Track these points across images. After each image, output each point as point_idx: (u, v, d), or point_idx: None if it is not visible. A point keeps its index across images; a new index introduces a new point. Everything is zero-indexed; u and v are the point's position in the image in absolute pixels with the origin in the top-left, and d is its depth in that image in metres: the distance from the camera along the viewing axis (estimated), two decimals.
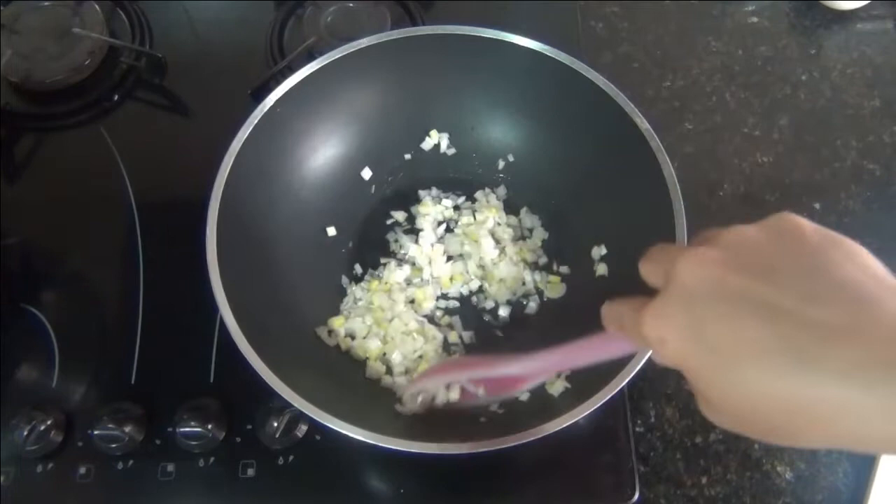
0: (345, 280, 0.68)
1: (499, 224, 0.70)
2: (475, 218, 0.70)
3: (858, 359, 0.28)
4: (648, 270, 0.37)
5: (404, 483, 0.60)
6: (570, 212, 0.69)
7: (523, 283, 0.68)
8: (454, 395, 0.55)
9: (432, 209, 0.70)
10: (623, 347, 0.43)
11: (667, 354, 0.34)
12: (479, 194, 0.72)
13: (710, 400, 0.33)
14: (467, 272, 0.68)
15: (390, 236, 0.71)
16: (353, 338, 0.65)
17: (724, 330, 0.31)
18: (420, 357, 0.63)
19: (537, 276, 0.68)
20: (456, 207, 0.72)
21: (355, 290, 0.67)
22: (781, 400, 0.30)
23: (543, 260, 0.69)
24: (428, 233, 0.69)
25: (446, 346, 0.65)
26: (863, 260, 0.32)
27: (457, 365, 0.56)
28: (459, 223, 0.70)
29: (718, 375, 0.32)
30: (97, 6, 0.82)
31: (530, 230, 0.71)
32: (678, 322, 0.33)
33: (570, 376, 0.59)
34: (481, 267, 0.68)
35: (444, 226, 0.71)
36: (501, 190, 0.72)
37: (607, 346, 0.43)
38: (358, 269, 0.69)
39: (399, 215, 0.71)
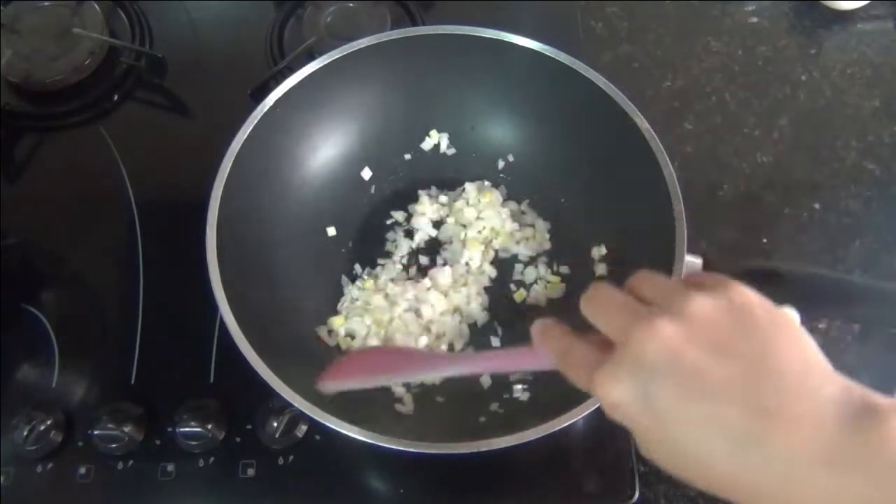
0: (344, 279, 0.68)
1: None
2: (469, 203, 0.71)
3: (799, 446, 0.30)
4: (592, 314, 0.37)
5: (404, 483, 0.60)
6: (569, 212, 0.69)
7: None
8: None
9: (428, 208, 0.70)
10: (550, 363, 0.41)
11: (616, 415, 0.35)
12: (468, 186, 0.71)
13: (653, 454, 0.35)
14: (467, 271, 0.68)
15: (390, 236, 0.71)
16: (352, 337, 0.65)
17: (676, 405, 0.32)
18: None
19: (541, 269, 0.68)
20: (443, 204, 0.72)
21: (352, 290, 0.67)
22: (724, 475, 0.32)
23: (544, 258, 0.69)
24: (423, 233, 0.69)
25: (451, 349, 0.65)
26: (803, 345, 0.33)
27: (383, 364, 0.50)
28: (452, 210, 0.70)
29: (665, 444, 0.33)
30: (97, 6, 0.82)
31: (532, 226, 0.71)
32: (630, 390, 0.33)
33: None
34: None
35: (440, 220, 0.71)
36: (502, 190, 0.72)
37: (538, 360, 0.42)
38: (357, 268, 0.69)
39: (399, 215, 0.71)
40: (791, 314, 0.34)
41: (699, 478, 0.33)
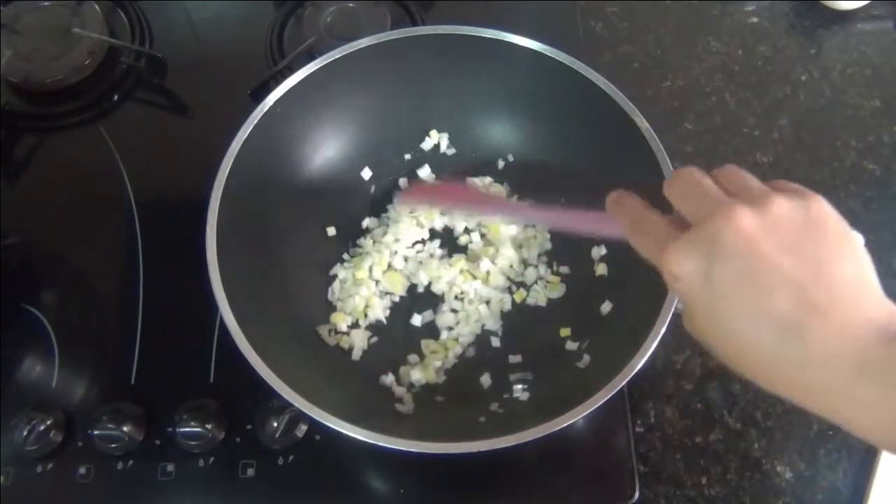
0: (335, 268, 0.68)
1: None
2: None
3: (840, 348, 0.33)
4: (677, 195, 0.39)
5: (404, 483, 0.60)
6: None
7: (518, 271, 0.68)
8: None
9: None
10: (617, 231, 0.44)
11: (675, 286, 0.37)
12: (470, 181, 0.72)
13: (698, 328, 0.37)
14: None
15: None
16: (353, 326, 0.65)
17: (736, 288, 0.34)
18: None
19: (541, 269, 0.68)
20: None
21: (339, 272, 0.67)
22: (767, 364, 0.35)
23: (544, 258, 0.69)
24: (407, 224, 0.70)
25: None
26: (862, 265, 0.35)
27: (457, 196, 0.57)
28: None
29: (715, 324, 0.36)
30: (97, 6, 0.82)
31: (532, 226, 0.71)
32: (698, 266, 0.35)
33: (571, 375, 0.59)
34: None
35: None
36: (505, 187, 0.72)
37: (604, 225, 0.45)
38: (346, 256, 0.69)
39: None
40: (859, 237, 0.36)
41: (741, 363, 0.36)
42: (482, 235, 0.69)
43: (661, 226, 0.39)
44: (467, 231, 0.69)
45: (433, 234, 0.70)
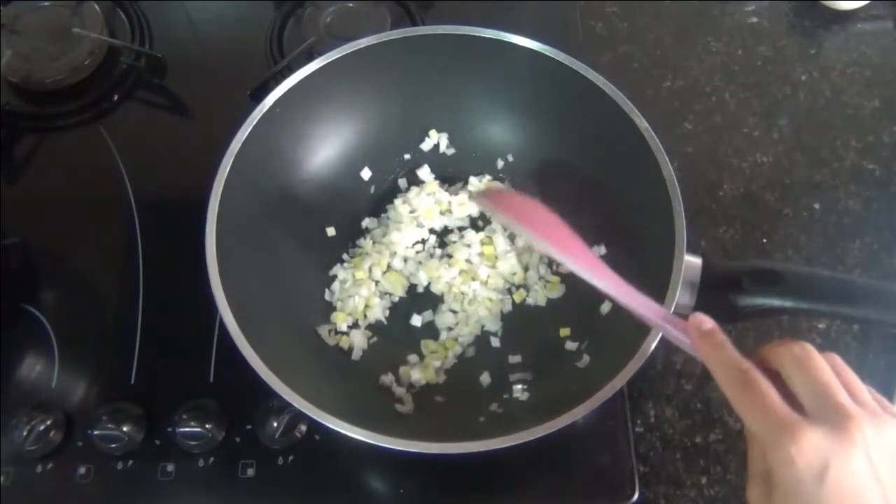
0: (335, 268, 0.69)
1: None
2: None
3: None
4: (801, 379, 0.39)
5: (404, 483, 0.60)
6: (569, 212, 0.69)
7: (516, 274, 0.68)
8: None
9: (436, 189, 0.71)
10: (682, 341, 0.45)
11: (783, 467, 0.37)
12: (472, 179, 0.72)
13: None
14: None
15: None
16: (352, 326, 0.65)
17: (845, 494, 0.36)
18: None
19: (541, 269, 0.68)
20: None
21: (339, 272, 0.67)
22: None
23: (544, 258, 0.69)
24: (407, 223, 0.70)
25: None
26: None
27: (535, 222, 0.53)
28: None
29: None
30: (97, 6, 0.82)
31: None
32: (820, 460, 0.36)
33: (570, 375, 0.59)
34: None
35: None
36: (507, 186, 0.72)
37: (669, 326, 0.45)
38: (345, 256, 0.69)
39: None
40: None
41: None
42: (482, 243, 0.68)
43: (777, 400, 0.39)
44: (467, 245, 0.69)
45: (433, 233, 0.70)
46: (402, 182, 0.73)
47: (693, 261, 0.55)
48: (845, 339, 0.68)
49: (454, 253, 0.68)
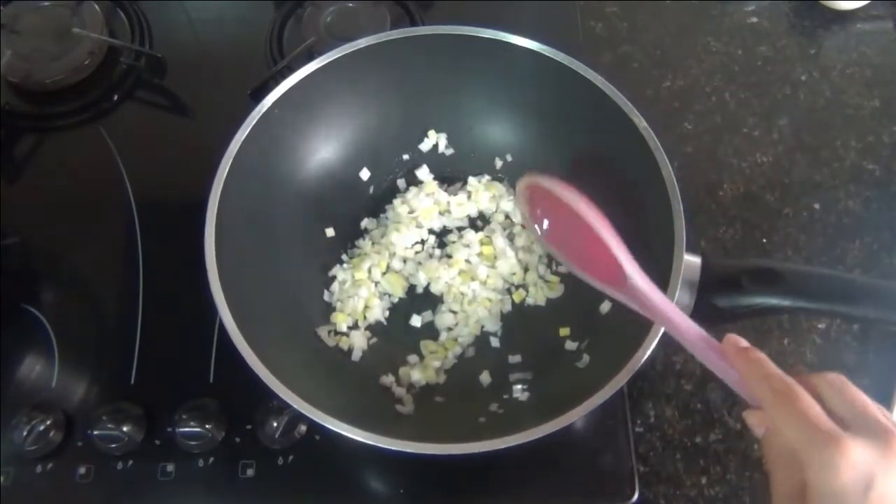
0: (335, 269, 0.68)
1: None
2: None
3: None
4: (837, 399, 0.41)
5: (404, 483, 0.60)
6: None
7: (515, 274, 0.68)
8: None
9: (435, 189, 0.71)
10: (729, 374, 0.45)
11: (833, 477, 0.37)
12: (472, 180, 0.72)
13: None
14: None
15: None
16: (352, 327, 0.65)
17: None
18: None
19: (540, 269, 0.68)
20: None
21: (338, 273, 0.67)
22: None
23: (543, 258, 0.69)
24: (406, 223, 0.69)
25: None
26: None
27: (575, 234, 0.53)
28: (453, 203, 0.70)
29: None
30: (97, 6, 0.82)
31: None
32: (869, 470, 0.37)
33: (570, 375, 0.59)
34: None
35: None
36: (506, 185, 0.72)
37: (716, 358, 0.45)
38: (344, 257, 0.69)
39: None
40: None
41: None
42: (481, 243, 0.68)
43: (822, 413, 0.40)
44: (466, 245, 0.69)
45: (432, 234, 0.70)
46: (401, 182, 0.73)
47: (692, 260, 0.55)
48: (845, 338, 0.68)
49: (453, 253, 0.68)
